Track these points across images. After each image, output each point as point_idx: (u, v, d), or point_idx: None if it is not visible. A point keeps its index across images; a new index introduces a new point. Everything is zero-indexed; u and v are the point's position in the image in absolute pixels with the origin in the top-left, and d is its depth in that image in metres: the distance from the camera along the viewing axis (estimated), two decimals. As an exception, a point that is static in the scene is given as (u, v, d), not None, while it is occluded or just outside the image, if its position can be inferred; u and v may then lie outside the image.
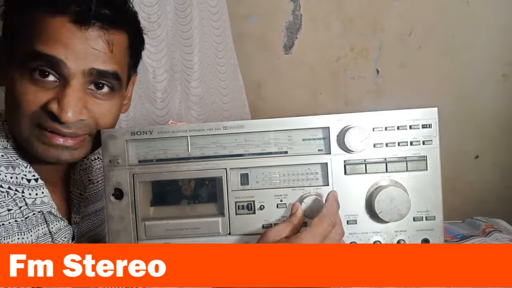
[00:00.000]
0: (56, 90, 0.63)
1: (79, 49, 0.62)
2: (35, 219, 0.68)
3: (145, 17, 1.38)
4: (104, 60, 0.64)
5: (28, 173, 0.68)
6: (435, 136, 0.62)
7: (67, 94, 0.62)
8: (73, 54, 0.62)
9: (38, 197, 0.68)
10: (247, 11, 1.83)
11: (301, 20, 1.82)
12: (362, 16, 1.77)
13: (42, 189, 0.69)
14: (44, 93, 0.62)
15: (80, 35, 0.62)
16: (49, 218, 0.71)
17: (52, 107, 0.62)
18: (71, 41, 0.62)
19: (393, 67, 1.78)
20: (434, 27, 1.72)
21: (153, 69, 1.42)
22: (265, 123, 0.63)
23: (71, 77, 0.62)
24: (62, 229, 0.73)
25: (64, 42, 0.62)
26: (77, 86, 0.63)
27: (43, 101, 0.62)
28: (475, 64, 1.71)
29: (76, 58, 0.62)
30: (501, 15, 1.68)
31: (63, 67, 0.62)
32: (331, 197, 0.61)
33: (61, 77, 0.63)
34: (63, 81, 0.63)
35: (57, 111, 0.62)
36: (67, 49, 0.62)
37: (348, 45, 1.80)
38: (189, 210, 0.66)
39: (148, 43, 1.39)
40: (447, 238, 0.69)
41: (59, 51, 0.61)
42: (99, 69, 0.64)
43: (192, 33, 1.56)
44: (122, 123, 1.30)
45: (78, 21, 0.62)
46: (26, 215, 0.66)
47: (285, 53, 1.84)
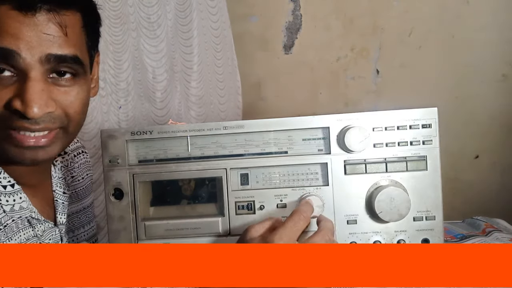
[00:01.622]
0: (15, 86, 0.59)
1: (30, 37, 0.58)
2: (15, 225, 0.65)
3: (145, 17, 1.38)
4: (59, 45, 0.60)
5: (3, 179, 0.65)
6: (435, 136, 0.62)
7: (28, 87, 0.58)
8: (25, 43, 0.58)
9: (16, 203, 0.65)
10: (247, 11, 1.83)
11: (301, 20, 1.82)
12: (362, 16, 1.77)
13: (19, 194, 0.66)
14: (3, 91, 0.58)
15: (28, 21, 0.58)
16: (33, 222, 0.69)
17: (16, 104, 0.58)
18: (19, 30, 0.57)
19: (393, 67, 1.78)
20: (434, 27, 1.72)
21: (153, 69, 1.42)
22: (265, 123, 0.63)
23: (29, 68, 0.58)
24: (47, 231, 0.71)
25: (12, 32, 0.57)
26: (37, 76, 0.59)
27: (5, 100, 0.59)
28: (475, 64, 1.71)
29: (29, 47, 0.58)
30: (501, 15, 1.68)
31: (18, 58, 0.58)
32: (303, 201, 0.61)
33: (17, 70, 0.59)
34: (21, 75, 0.59)
35: (22, 108, 0.58)
36: (17, 39, 0.57)
37: (348, 45, 1.80)
38: (189, 210, 0.66)
39: (148, 43, 1.40)
40: (447, 238, 0.69)
41: (10, 42, 0.57)
42: (56, 54, 0.60)
43: (192, 33, 1.56)
44: (122, 123, 1.30)
45: (23, 7, 0.58)
46: (5, 222, 0.64)
47: (285, 53, 1.85)
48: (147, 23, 1.38)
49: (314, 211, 0.61)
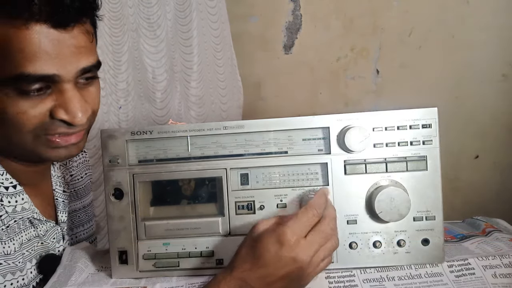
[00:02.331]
0: (52, 97, 0.60)
1: (66, 55, 0.59)
2: (17, 226, 0.66)
3: (145, 18, 1.38)
4: (88, 54, 0.62)
5: (5, 181, 0.66)
6: (435, 136, 0.62)
7: (69, 98, 0.60)
8: (63, 62, 0.58)
9: (18, 204, 0.66)
10: (247, 11, 1.83)
11: (301, 20, 1.82)
12: (362, 16, 1.77)
13: (22, 195, 0.67)
14: (41, 104, 0.60)
15: (63, 37, 0.58)
16: (35, 222, 0.69)
17: (60, 114, 0.60)
18: (57, 49, 0.58)
19: (393, 67, 1.78)
20: (434, 27, 1.72)
21: (153, 69, 1.42)
22: (265, 123, 0.63)
23: (65, 82, 0.60)
24: (49, 230, 0.72)
25: (51, 53, 0.57)
26: (72, 86, 0.61)
27: (44, 113, 0.60)
28: (475, 64, 1.71)
29: (66, 64, 0.59)
30: (501, 15, 1.68)
31: (56, 78, 0.59)
32: (320, 191, 0.60)
33: (52, 83, 0.60)
34: (55, 87, 0.60)
35: (68, 118, 0.60)
36: (55, 59, 0.58)
37: (348, 45, 1.80)
38: (189, 210, 0.66)
39: (148, 43, 1.40)
40: (447, 238, 0.69)
41: (50, 67, 0.58)
42: (86, 66, 0.62)
43: (192, 33, 1.56)
44: (122, 123, 1.30)
45: (59, 24, 0.57)
46: (7, 223, 0.64)
47: (285, 53, 1.84)
48: (147, 24, 1.38)
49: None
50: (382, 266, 0.63)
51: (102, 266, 0.68)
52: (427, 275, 0.61)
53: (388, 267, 0.62)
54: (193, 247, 0.64)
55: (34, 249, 0.68)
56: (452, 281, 0.60)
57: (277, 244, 0.54)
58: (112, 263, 0.64)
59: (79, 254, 0.69)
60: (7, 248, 0.63)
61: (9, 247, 0.63)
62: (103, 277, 0.65)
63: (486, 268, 0.61)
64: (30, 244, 0.68)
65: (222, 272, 0.57)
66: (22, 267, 0.64)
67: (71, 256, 0.69)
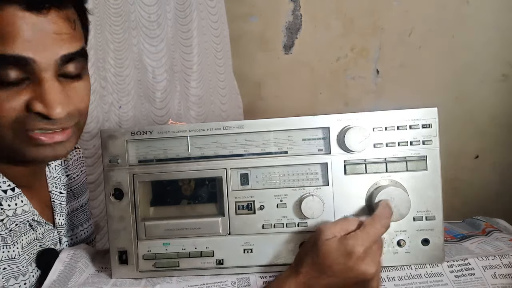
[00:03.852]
0: (30, 88, 0.57)
1: (43, 40, 0.55)
2: (18, 229, 0.65)
3: (145, 17, 1.38)
4: (69, 42, 0.58)
5: (3, 184, 0.64)
6: (435, 136, 0.62)
7: (47, 89, 0.57)
8: (40, 47, 0.55)
9: (18, 207, 0.65)
10: (247, 11, 1.83)
11: (301, 20, 1.82)
12: (362, 16, 1.77)
13: (20, 197, 0.66)
14: (18, 96, 0.57)
15: (40, 22, 0.55)
16: (34, 224, 0.68)
17: (37, 107, 0.57)
18: (32, 32, 0.55)
19: (393, 67, 1.78)
20: (434, 27, 1.72)
21: (153, 69, 1.42)
22: (265, 123, 0.63)
23: (43, 70, 0.56)
24: (46, 232, 0.71)
25: (25, 35, 0.54)
26: (51, 77, 0.57)
27: (20, 105, 0.57)
28: (475, 64, 1.71)
29: (43, 49, 0.55)
30: (501, 15, 1.68)
31: (32, 64, 0.55)
32: (383, 203, 0.59)
33: (30, 73, 0.57)
34: (33, 77, 0.57)
35: (45, 110, 0.57)
36: (31, 43, 0.54)
37: (348, 45, 1.80)
38: (189, 210, 0.66)
39: (148, 42, 1.40)
40: (447, 238, 0.69)
41: (24, 48, 0.54)
42: (68, 53, 0.58)
43: (192, 33, 1.56)
44: (122, 123, 1.30)
45: (34, 7, 0.54)
46: (9, 227, 0.63)
47: (285, 53, 1.84)
48: (147, 23, 1.38)
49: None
50: (382, 266, 0.62)
51: (102, 267, 0.68)
52: (427, 275, 0.61)
53: (388, 267, 0.62)
54: (193, 247, 0.64)
55: (33, 252, 0.68)
56: (452, 281, 0.60)
57: (346, 256, 0.54)
58: (112, 263, 0.64)
59: (79, 254, 0.69)
60: (12, 252, 0.62)
61: (13, 251, 0.63)
62: (103, 278, 0.65)
63: (486, 269, 0.61)
64: (30, 248, 0.67)
65: (286, 276, 0.57)
66: (25, 271, 0.64)
67: (72, 254, 0.69)
